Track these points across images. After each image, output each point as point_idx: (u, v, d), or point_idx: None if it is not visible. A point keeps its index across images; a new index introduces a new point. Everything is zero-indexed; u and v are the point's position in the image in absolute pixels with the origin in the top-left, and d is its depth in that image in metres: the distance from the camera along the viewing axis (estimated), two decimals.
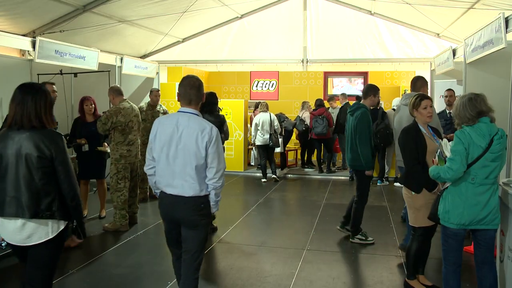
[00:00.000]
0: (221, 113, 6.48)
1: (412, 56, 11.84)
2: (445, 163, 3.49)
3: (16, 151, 2.92)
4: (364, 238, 5.82)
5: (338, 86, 12.44)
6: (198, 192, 3.32)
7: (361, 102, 5.72)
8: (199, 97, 3.42)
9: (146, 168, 3.51)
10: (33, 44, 7.23)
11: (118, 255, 5.41)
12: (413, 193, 4.16)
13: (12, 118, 3.00)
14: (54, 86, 5.45)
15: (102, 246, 5.78)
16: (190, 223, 3.37)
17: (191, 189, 3.31)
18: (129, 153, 6.36)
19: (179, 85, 3.45)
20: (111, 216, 6.50)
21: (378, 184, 9.52)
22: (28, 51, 8.43)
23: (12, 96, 3.04)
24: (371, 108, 9.14)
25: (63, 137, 3.09)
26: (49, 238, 2.95)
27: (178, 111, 3.42)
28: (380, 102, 9.39)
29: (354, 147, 5.59)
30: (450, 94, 7.60)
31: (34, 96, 2.99)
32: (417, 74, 12.04)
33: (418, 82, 5.50)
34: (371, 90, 5.68)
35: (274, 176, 10.02)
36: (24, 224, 2.91)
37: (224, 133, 6.16)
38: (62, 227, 3.02)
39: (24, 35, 8.07)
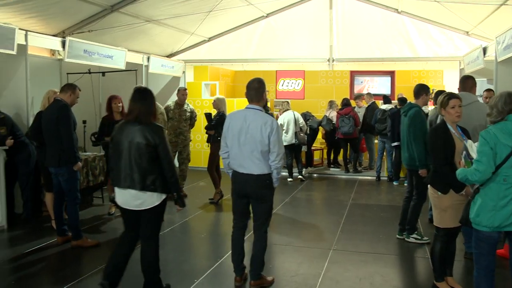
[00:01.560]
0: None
1: (440, 54, 11.61)
2: (472, 165, 3.41)
3: (130, 140, 3.87)
4: (420, 237, 5.74)
5: (370, 86, 12.29)
6: (263, 171, 4.15)
7: (413, 102, 5.67)
8: (258, 96, 4.21)
9: (221, 152, 4.36)
10: (63, 44, 7.38)
11: None
12: (439, 193, 4.08)
13: (130, 113, 3.95)
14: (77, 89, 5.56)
15: None
16: (257, 195, 4.22)
17: (258, 168, 4.14)
18: None
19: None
20: None
21: (405, 184, 9.36)
22: (58, 51, 8.59)
23: (132, 96, 3.98)
24: (399, 107, 9.09)
25: (164, 129, 4.01)
26: (155, 205, 3.92)
27: (246, 108, 4.25)
28: (408, 102, 9.25)
29: (409, 147, 5.52)
30: (489, 95, 6.52)
31: (148, 99, 3.97)
32: (445, 73, 11.87)
33: (469, 82, 5.33)
34: (422, 89, 5.64)
35: (300, 176, 9.99)
36: (136, 194, 3.87)
37: None
38: (164, 197, 3.96)
39: (54, 35, 8.22)
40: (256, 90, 4.21)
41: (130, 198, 3.91)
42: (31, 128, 6.22)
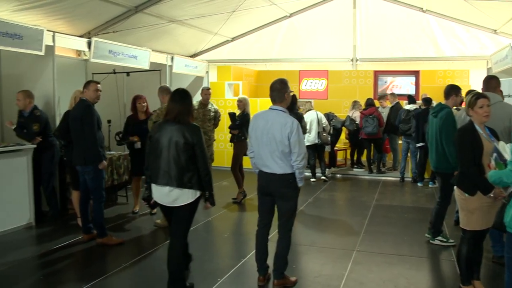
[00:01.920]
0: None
1: (466, 54, 11.42)
2: (506, 167, 3.33)
3: (168, 138, 4.02)
4: (445, 240, 5.66)
5: (394, 86, 12.14)
6: (286, 171, 4.18)
7: (443, 103, 5.58)
8: (280, 96, 4.23)
9: (248, 152, 4.50)
10: (89, 45, 7.48)
11: None
12: (466, 195, 4.01)
13: (169, 113, 4.09)
14: (98, 85, 5.62)
15: (154, 242, 5.92)
16: (281, 194, 4.26)
17: (280, 168, 4.18)
18: None
19: None
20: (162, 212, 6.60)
21: (430, 185, 9.25)
22: (83, 51, 8.73)
23: (171, 97, 4.21)
24: (424, 107, 8.98)
25: (200, 129, 4.17)
26: (189, 202, 4.05)
27: (269, 108, 4.29)
28: (432, 102, 9.14)
29: (439, 149, 5.42)
30: None
31: (187, 100, 4.16)
32: (472, 73, 11.66)
33: (493, 82, 5.22)
34: (452, 90, 5.55)
35: (323, 177, 9.94)
36: (171, 191, 4.02)
37: (302, 127, 6.43)
38: (198, 195, 4.10)
39: (80, 36, 8.36)
40: (278, 91, 4.25)
41: (166, 195, 4.07)
42: (59, 127, 6.33)
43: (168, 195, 4.05)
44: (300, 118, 6.96)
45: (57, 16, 7.81)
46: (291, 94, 4.44)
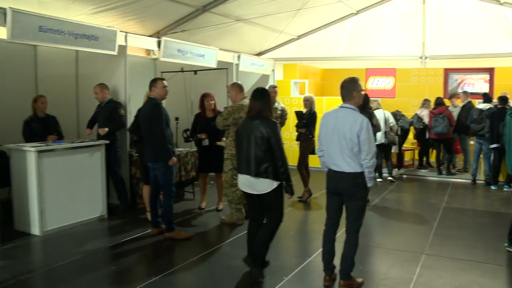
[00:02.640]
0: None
1: None
2: None
3: (249, 132, 4.45)
4: None
5: (466, 84, 11.65)
6: (355, 169, 4.14)
7: None
8: (348, 94, 4.23)
9: (317, 151, 4.50)
10: (159, 44, 7.69)
11: (235, 247, 5.54)
12: None
13: (252, 110, 4.56)
14: (164, 81, 5.76)
15: (220, 238, 6.01)
16: (349, 193, 4.21)
17: (349, 166, 4.14)
18: None
19: None
20: (228, 209, 6.70)
21: (504, 189, 8.79)
22: (153, 50, 8.99)
23: (253, 95, 4.62)
24: (499, 107, 8.53)
25: (277, 124, 4.54)
26: (268, 190, 4.42)
27: (339, 106, 4.29)
28: (509, 101, 8.67)
29: None
30: None
31: (265, 97, 4.56)
32: None
33: None
34: None
35: (390, 177, 9.70)
36: (250, 180, 4.47)
37: (374, 125, 6.71)
38: (276, 185, 4.43)
39: (150, 36, 8.61)
40: (346, 89, 4.24)
41: (247, 184, 4.53)
42: (132, 124, 6.56)
43: (248, 184, 4.51)
44: (370, 117, 6.84)
45: (128, 17, 8.10)
46: (362, 93, 4.35)
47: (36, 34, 5.70)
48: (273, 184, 4.42)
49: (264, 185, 4.41)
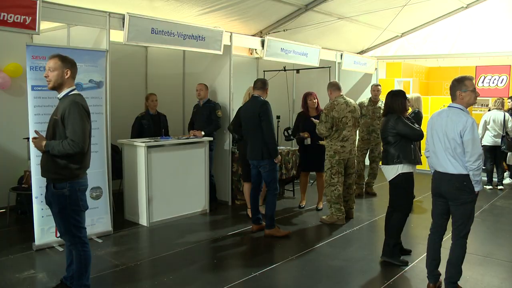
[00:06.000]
0: None
1: None
2: None
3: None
4: None
5: None
6: (460, 171, 3.96)
7: None
8: (452, 94, 4.12)
9: (425, 151, 4.40)
10: (262, 43, 7.79)
11: (334, 248, 5.47)
12: None
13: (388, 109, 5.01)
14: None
15: (319, 237, 5.94)
16: (454, 196, 4.02)
17: (454, 168, 3.99)
18: (343, 149, 6.35)
19: None
20: (328, 208, 6.63)
21: None
22: (255, 49, 9.14)
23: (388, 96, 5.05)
24: None
25: (400, 118, 4.90)
26: (391, 178, 4.94)
27: (448, 106, 4.16)
28: None
29: None
30: None
31: (400, 97, 5.00)
32: None
33: None
34: None
35: (500, 187, 9.00)
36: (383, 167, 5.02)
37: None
38: (399, 172, 4.85)
39: (252, 36, 8.76)
40: (450, 89, 4.14)
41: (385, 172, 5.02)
42: (233, 122, 6.72)
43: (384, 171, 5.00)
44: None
45: (233, 17, 8.31)
46: (467, 93, 4.04)
47: (148, 36, 6.04)
48: (397, 171, 4.88)
49: (389, 173, 4.95)
